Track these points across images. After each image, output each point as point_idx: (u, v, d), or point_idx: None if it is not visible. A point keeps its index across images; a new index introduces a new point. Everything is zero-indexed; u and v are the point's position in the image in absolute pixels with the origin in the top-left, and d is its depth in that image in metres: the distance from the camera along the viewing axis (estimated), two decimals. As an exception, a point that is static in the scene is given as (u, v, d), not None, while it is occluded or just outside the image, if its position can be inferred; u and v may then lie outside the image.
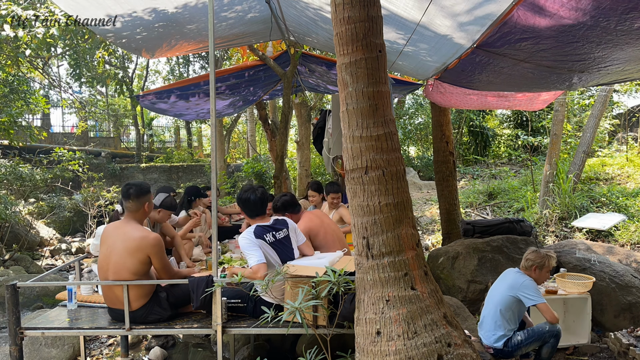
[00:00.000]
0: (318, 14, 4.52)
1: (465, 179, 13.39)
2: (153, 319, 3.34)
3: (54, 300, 6.38)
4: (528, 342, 3.49)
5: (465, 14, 3.39)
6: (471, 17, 3.39)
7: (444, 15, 3.53)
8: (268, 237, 3.38)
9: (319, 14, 4.52)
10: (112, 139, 19.91)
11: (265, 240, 3.35)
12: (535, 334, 3.49)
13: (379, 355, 2.46)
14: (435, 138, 6.86)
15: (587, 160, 9.71)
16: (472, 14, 3.33)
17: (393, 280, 2.52)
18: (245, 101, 7.84)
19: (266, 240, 3.35)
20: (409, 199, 2.68)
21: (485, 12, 3.21)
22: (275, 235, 3.45)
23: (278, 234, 3.47)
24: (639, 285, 4.59)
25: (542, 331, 3.49)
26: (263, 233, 3.37)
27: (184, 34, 4.95)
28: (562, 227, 8.06)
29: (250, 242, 3.30)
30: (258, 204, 3.52)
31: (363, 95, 2.56)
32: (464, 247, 5.26)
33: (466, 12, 3.34)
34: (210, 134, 3.30)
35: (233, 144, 22.43)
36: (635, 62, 3.44)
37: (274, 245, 3.39)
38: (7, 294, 3.22)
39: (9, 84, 9.93)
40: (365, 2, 2.54)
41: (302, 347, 3.44)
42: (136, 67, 17.82)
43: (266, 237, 3.37)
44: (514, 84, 4.80)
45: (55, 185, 12.13)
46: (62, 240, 11.07)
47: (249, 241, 3.30)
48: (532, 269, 3.59)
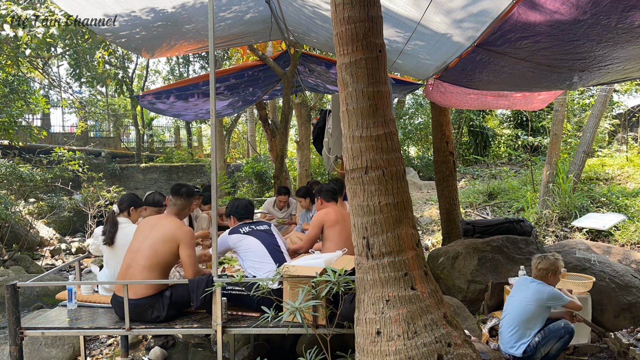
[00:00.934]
0: (316, 12, 4.52)
1: (465, 179, 13.39)
2: (154, 316, 3.34)
3: (54, 300, 6.38)
4: (545, 342, 3.48)
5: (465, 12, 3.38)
6: (471, 15, 3.39)
7: (443, 13, 3.53)
8: (244, 229, 3.71)
9: (317, 12, 4.52)
10: (112, 139, 19.91)
11: (240, 232, 3.66)
12: (551, 333, 3.49)
13: (379, 355, 2.45)
14: (435, 138, 6.85)
15: (587, 160, 9.71)
16: (471, 11, 3.33)
17: (393, 280, 2.52)
18: (245, 101, 7.84)
19: (241, 232, 3.66)
20: (409, 199, 2.67)
21: (485, 10, 3.21)
22: (253, 227, 3.73)
23: (257, 227, 3.76)
24: (639, 285, 4.58)
25: (558, 328, 3.51)
26: (239, 228, 3.72)
27: (183, 34, 4.95)
28: (562, 227, 8.06)
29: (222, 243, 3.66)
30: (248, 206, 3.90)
31: (363, 95, 2.56)
32: (464, 247, 5.25)
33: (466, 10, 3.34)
34: (210, 134, 3.30)
35: (233, 144, 22.43)
36: (635, 61, 3.44)
37: (251, 233, 3.67)
38: (7, 294, 3.22)
39: (9, 84, 9.93)
40: (365, 2, 2.54)
41: (302, 347, 3.44)
42: (136, 67, 17.84)
43: (242, 229, 3.71)
44: (515, 83, 4.80)
45: (55, 185, 12.13)
46: (62, 240, 11.07)
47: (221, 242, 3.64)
48: (547, 276, 3.59)
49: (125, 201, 4.15)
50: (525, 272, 4.38)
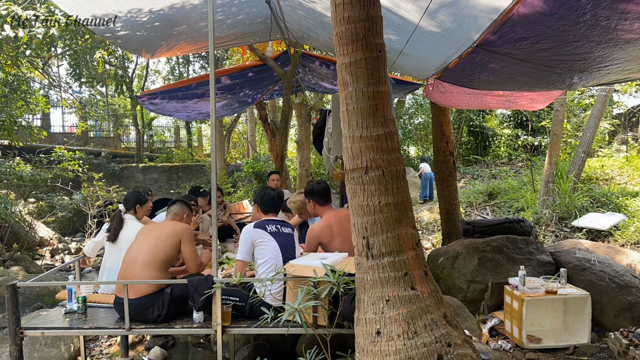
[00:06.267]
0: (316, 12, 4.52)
1: (465, 179, 13.39)
2: (154, 315, 3.33)
3: (54, 300, 6.39)
4: None
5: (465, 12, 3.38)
6: (471, 15, 3.39)
7: (443, 13, 3.53)
8: (270, 228, 3.46)
9: (315, 10, 4.52)
10: (112, 139, 19.90)
11: (266, 230, 3.43)
12: None
13: (379, 355, 2.45)
14: (435, 138, 6.85)
15: (587, 160, 9.71)
16: (472, 12, 3.33)
17: (393, 280, 2.52)
18: (242, 103, 7.83)
19: (267, 230, 3.44)
20: (409, 199, 2.67)
21: (485, 10, 3.21)
22: (279, 228, 3.51)
23: (283, 228, 3.54)
24: (639, 285, 4.58)
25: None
26: (266, 224, 3.48)
27: (183, 34, 4.95)
28: (562, 227, 8.06)
29: (246, 235, 3.43)
30: (275, 199, 3.66)
31: (363, 95, 2.56)
32: (464, 247, 5.25)
33: (466, 9, 3.34)
34: (210, 134, 3.30)
35: (233, 144, 22.43)
36: (635, 62, 3.44)
37: (275, 235, 3.45)
38: (7, 294, 3.22)
39: (9, 84, 9.93)
40: (365, 2, 2.53)
41: (302, 347, 3.44)
42: (136, 67, 17.82)
43: (268, 227, 3.47)
44: (515, 84, 4.80)
45: (55, 185, 12.13)
46: (61, 240, 11.07)
47: (245, 234, 3.44)
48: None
49: (130, 199, 4.22)
50: (525, 272, 4.38)
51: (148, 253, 3.40)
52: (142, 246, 3.46)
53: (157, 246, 3.43)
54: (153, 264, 3.37)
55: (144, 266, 3.36)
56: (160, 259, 3.40)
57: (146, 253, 3.40)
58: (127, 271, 3.40)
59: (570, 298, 4.26)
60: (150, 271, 3.36)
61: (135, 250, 3.47)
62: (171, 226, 3.57)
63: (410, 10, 3.65)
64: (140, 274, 3.34)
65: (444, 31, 3.84)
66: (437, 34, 3.95)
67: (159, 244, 3.44)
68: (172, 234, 3.50)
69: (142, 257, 3.39)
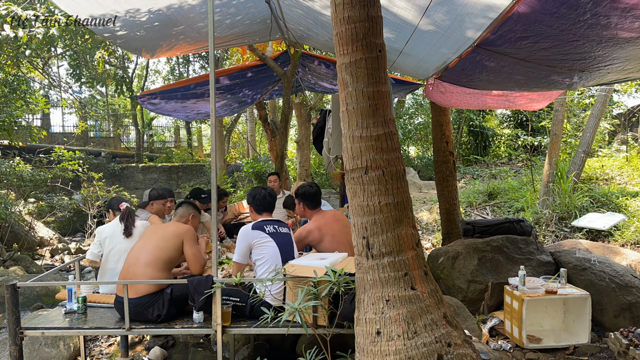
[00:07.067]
0: (315, 11, 4.52)
1: (465, 179, 13.39)
2: (154, 315, 3.33)
3: (54, 300, 6.38)
4: None
5: (465, 12, 3.38)
6: (471, 14, 3.39)
7: (443, 12, 3.52)
8: (268, 228, 3.48)
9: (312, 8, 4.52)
10: (112, 139, 19.91)
11: (264, 231, 3.44)
12: None
13: (379, 355, 2.45)
14: (435, 138, 6.85)
15: (587, 160, 9.71)
16: (472, 11, 3.33)
17: (393, 280, 2.52)
18: (241, 103, 7.83)
19: (266, 231, 3.45)
20: (409, 199, 2.67)
21: (485, 9, 3.21)
22: (277, 229, 3.53)
23: (280, 229, 3.56)
24: (639, 285, 4.58)
25: None
26: (264, 225, 3.50)
27: (182, 34, 4.95)
28: (562, 227, 8.06)
29: (243, 236, 3.43)
30: (267, 198, 3.68)
31: (363, 95, 2.56)
32: (464, 247, 5.25)
33: (466, 9, 3.34)
34: (210, 134, 3.30)
35: (233, 144, 22.43)
36: (635, 61, 3.44)
37: (274, 235, 3.46)
38: (7, 294, 3.22)
39: (9, 84, 9.93)
40: (365, 2, 2.53)
41: (302, 347, 3.44)
42: (136, 67, 17.83)
43: (266, 227, 3.48)
44: (515, 83, 4.80)
45: (55, 185, 12.13)
46: (61, 240, 11.07)
47: (242, 235, 3.44)
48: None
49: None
50: (525, 272, 4.38)
51: (151, 253, 3.42)
52: (146, 246, 3.49)
53: (159, 246, 3.46)
54: (155, 263, 3.38)
55: (146, 266, 3.37)
56: (162, 259, 3.42)
57: (149, 253, 3.42)
58: (129, 270, 3.41)
59: (570, 298, 4.26)
60: (152, 271, 3.37)
61: (139, 249, 3.49)
62: (174, 227, 3.63)
63: (405, 8, 3.65)
64: (142, 273, 3.36)
65: (443, 31, 3.84)
66: (437, 33, 3.95)
67: (162, 245, 3.47)
68: (175, 235, 3.54)
69: (144, 257, 3.41)
